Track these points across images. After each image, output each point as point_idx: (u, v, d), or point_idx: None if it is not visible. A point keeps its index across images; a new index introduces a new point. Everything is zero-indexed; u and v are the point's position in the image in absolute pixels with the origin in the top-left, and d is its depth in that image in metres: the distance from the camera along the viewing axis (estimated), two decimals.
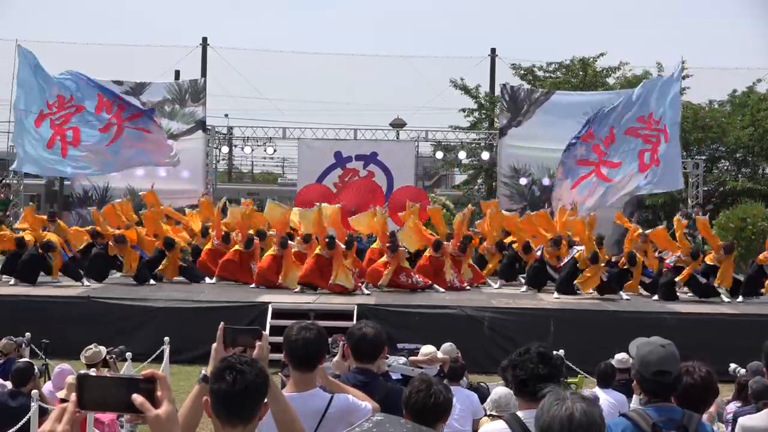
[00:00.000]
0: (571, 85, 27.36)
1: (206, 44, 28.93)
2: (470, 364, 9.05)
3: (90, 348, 8.35)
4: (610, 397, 7.53)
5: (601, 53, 28.42)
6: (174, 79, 27.16)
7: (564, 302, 13.96)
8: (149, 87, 22.04)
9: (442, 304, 13.41)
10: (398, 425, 2.61)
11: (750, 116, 27.20)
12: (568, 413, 2.44)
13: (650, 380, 3.64)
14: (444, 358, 7.98)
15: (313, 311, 12.62)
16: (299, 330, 3.78)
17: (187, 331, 12.27)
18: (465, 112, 29.33)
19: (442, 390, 3.50)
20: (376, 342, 4.31)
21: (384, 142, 22.75)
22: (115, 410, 2.13)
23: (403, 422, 2.69)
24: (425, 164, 35.68)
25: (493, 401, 6.32)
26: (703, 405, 3.94)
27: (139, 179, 20.77)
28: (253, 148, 23.99)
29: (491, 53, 29.24)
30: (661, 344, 3.67)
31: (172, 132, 21.64)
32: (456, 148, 25.57)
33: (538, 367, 3.48)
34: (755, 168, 28.23)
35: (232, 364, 2.64)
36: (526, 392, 3.50)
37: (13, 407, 7.18)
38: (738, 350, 10.77)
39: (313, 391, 3.76)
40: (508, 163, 22.10)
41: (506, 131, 22.12)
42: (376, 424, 2.57)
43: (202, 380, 2.96)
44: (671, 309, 13.45)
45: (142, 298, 13.46)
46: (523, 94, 22.52)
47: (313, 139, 22.57)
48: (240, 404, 2.61)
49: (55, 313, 12.75)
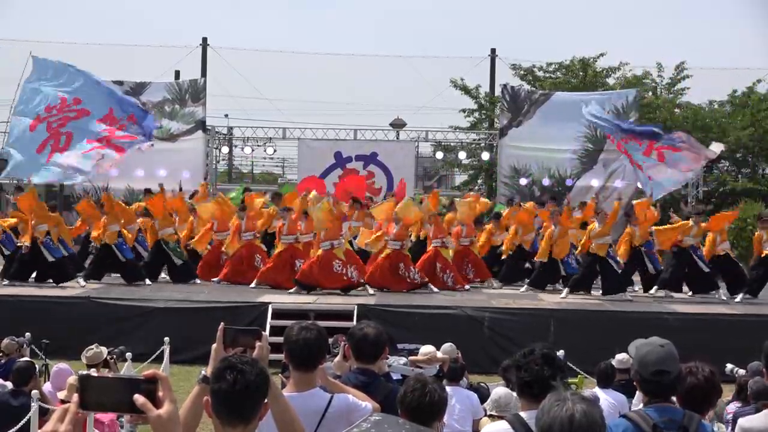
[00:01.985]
0: (571, 86, 27.38)
1: (206, 44, 28.93)
2: (470, 364, 9.05)
3: (91, 348, 8.35)
4: (610, 397, 7.54)
5: (601, 53, 28.50)
6: (174, 79, 27.18)
7: (564, 302, 13.97)
8: (149, 87, 22.05)
9: (442, 304, 13.41)
10: (396, 425, 2.62)
11: (750, 116, 27.22)
12: (569, 414, 2.44)
13: (649, 380, 3.64)
14: (443, 357, 7.99)
15: (313, 311, 12.62)
16: (299, 330, 3.79)
17: (187, 331, 12.28)
18: (465, 112, 29.36)
19: (436, 389, 3.51)
20: (377, 342, 4.32)
21: (384, 142, 22.77)
22: (117, 411, 2.14)
23: (402, 422, 2.70)
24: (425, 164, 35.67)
25: (494, 401, 6.32)
26: (707, 405, 3.94)
27: (139, 179, 20.79)
28: (253, 148, 24.01)
29: (491, 53, 29.25)
30: (660, 344, 3.67)
31: (172, 132, 21.66)
32: (456, 149, 25.58)
33: (543, 368, 3.48)
34: (755, 168, 28.26)
35: (233, 364, 2.64)
36: (529, 393, 3.50)
37: (14, 406, 7.20)
38: (737, 350, 10.77)
39: (313, 391, 3.77)
40: (508, 164, 22.11)
41: (506, 131, 22.13)
42: (374, 425, 2.57)
43: (202, 381, 2.97)
44: (671, 309, 13.46)
45: (142, 298, 13.47)
46: (524, 95, 22.54)
47: (313, 139, 22.58)
48: (240, 404, 2.61)
49: (55, 313, 12.74)
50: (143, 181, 20.68)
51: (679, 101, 28.73)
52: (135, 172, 20.80)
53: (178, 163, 21.32)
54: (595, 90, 26.21)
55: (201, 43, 28.94)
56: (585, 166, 21.47)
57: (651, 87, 28.79)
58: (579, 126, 21.12)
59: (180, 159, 21.43)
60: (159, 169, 20.86)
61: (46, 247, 14.48)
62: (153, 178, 20.57)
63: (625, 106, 21.35)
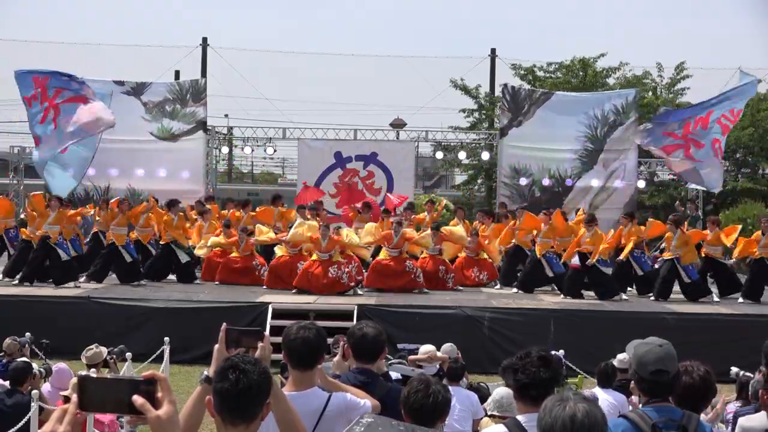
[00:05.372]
0: (571, 86, 27.37)
1: (206, 44, 28.96)
2: (470, 364, 9.05)
3: (91, 348, 8.36)
4: (610, 397, 7.53)
5: (601, 53, 28.53)
6: (174, 79, 27.18)
7: (564, 302, 13.97)
8: (150, 87, 22.02)
9: (442, 305, 13.41)
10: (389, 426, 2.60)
11: (750, 116, 27.21)
12: (570, 413, 2.45)
13: (648, 380, 3.65)
14: (443, 357, 7.99)
15: (313, 311, 12.63)
16: (298, 329, 3.79)
17: (187, 331, 12.29)
18: (465, 112, 29.37)
19: (440, 390, 3.51)
20: (376, 342, 4.32)
21: (384, 142, 22.74)
22: (116, 411, 2.14)
23: (395, 423, 2.68)
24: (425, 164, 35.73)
25: (495, 401, 6.32)
26: (703, 404, 3.95)
27: (139, 179, 20.81)
28: (253, 148, 23.97)
29: (491, 53, 29.28)
30: (659, 344, 3.68)
31: (173, 132, 21.65)
32: (456, 149, 25.57)
33: (540, 370, 3.48)
34: (755, 168, 28.24)
35: (236, 363, 2.65)
36: (527, 396, 3.49)
37: (7, 405, 7.20)
38: (738, 350, 10.81)
39: (311, 390, 3.77)
40: (508, 164, 22.09)
41: (507, 131, 22.11)
42: (367, 427, 2.56)
43: (204, 381, 2.97)
44: (671, 309, 13.46)
45: (142, 298, 13.47)
46: (524, 95, 22.52)
47: (313, 139, 22.55)
48: (242, 404, 2.62)
49: (55, 314, 12.74)
50: (143, 181, 20.70)
51: (679, 101, 28.74)
52: (135, 172, 20.81)
53: (178, 163, 21.31)
54: (595, 90, 26.21)
55: (201, 43, 28.97)
56: (585, 166, 21.45)
57: (651, 87, 28.80)
58: (579, 126, 21.12)
59: (180, 159, 21.42)
60: (159, 169, 20.88)
61: (59, 246, 14.54)
62: (153, 177, 20.60)
63: (625, 106, 21.33)
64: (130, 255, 15.09)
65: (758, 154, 27.52)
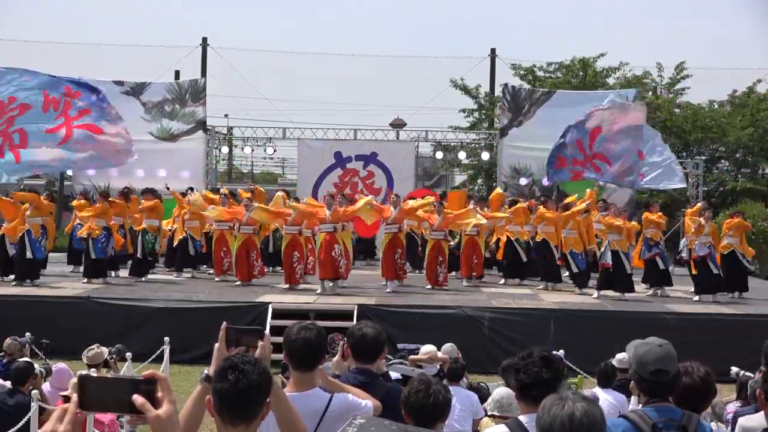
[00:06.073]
0: (572, 86, 27.37)
1: (206, 44, 28.95)
2: (470, 364, 9.04)
3: (92, 348, 8.35)
4: (610, 397, 7.53)
5: (601, 53, 28.55)
6: (174, 79, 27.17)
7: (564, 302, 13.97)
8: (149, 87, 22.04)
9: (442, 304, 13.41)
10: (382, 427, 2.60)
11: (750, 116, 27.22)
12: (569, 413, 2.45)
13: (648, 380, 3.64)
14: (444, 357, 7.98)
15: (313, 311, 12.63)
16: (299, 330, 3.79)
17: (187, 330, 12.29)
18: (465, 112, 29.37)
19: (441, 390, 3.50)
20: (376, 342, 4.32)
21: (384, 142, 22.75)
22: (116, 411, 2.14)
23: (387, 423, 2.68)
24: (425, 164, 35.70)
25: (495, 401, 6.32)
26: (703, 405, 3.95)
27: (139, 179, 20.81)
28: (253, 148, 23.99)
29: (491, 53, 29.27)
30: (659, 344, 3.67)
31: (173, 132, 21.65)
32: (456, 149, 25.57)
33: (542, 370, 3.47)
34: (755, 168, 28.25)
35: (235, 363, 2.65)
36: (528, 396, 3.49)
37: (10, 405, 7.20)
38: (738, 350, 10.81)
39: (312, 390, 3.77)
40: (508, 163, 22.10)
41: (507, 131, 22.11)
42: (359, 428, 2.56)
43: (205, 380, 2.97)
44: (671, 309, 13.46)
45: (142, 298, 13.48)
46: (524, 94, 22.52)
47: (313, 139, 22.57)
48: (243, 403, 2.61)
49: (55, 313, 12.75)
50: (143, 181, 20.69)
51: (679, 101, 28.74)
52: (135, 172, 20.82)
53: (178, 163, 21.34)
54: (595, 90, 26.20)
55: (201, 43, 28.96)
56: None
57: (651, 87, 28.80)
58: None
59: (180, 159, 21.45)
60: (159, 169, 20.88)
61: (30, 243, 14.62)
62: (153, 177, 20.59)
63: None
64: None
65: (758, 154, 27.52)
